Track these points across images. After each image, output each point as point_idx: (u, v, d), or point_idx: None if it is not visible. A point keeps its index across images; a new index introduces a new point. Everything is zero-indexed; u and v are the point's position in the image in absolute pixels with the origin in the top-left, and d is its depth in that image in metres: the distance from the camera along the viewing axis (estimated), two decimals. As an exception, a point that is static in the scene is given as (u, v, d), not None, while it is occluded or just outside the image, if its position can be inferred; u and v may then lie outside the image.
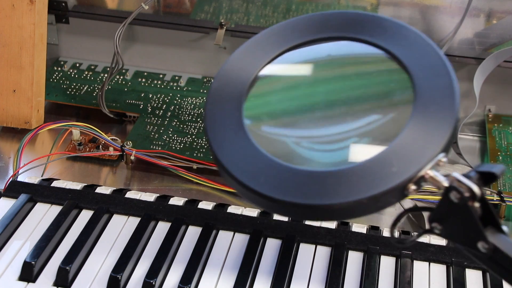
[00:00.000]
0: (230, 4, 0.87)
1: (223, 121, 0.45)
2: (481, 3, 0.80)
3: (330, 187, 0.40)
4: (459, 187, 0.38)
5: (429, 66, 0.44)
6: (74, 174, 0.75)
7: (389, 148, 0.41)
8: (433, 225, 0.41)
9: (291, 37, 0.49)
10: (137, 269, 0.60)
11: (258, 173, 0.42)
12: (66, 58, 0.93)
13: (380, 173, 0.39)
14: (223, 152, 0.44)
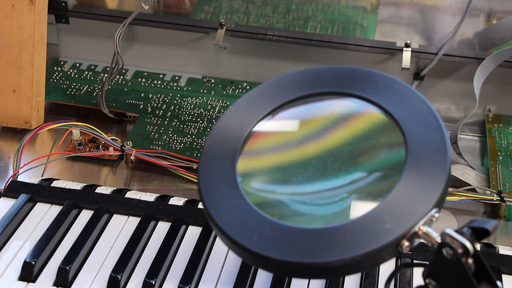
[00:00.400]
0: (230, 4, 0.87)
1: (217, 178, 0.46)
2: (481, 3, 0.80)
3: (324, 244, 0.40)
4: (452, 243, 0.38)
5: (421, 121, 0.44)
6: (74, 174, 0.75)
7: (381, 205, 0.41)
8: (428, 281, 0.41)
9: (283, 93, 0.50)
10: (137, 269, 0.60)
11: (251, 232, 0.42)
12: (66, 58, 0.93)
13: (373, 230, 0.39)
14: (216, 210, 0.44)
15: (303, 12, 0.86)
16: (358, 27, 0.85)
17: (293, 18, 0.86)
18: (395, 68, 0.85)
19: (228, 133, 0.49)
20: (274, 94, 0.50)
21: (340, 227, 0.40)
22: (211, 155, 0.47)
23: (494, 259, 0.61)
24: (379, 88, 0.47)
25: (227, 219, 0.44)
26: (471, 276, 0.38)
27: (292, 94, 0.50)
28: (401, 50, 0.83)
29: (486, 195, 0.69)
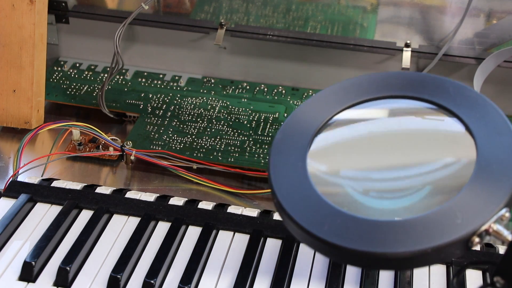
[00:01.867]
0: (230, 4, 0.87)
1: (288, 171, 0.48)
2: (481, 3, 0.80)
3: (395, 236, 0.41)
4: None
5: (491, 124, 0.47)
6: (74, 174, 0.75)
7: (453, 201, 0.42)
8: (496, 279, 0.41)
9: (356, 93, 0.52)
10: (137, 269, 0.60)
11: (322, 221, 0.44)
12: (66, 58, 0.93)
13: (444, 225, 0.40)
14: (288, 201, 0.46)
15: (303, 12, 0.86)
16: (358, 27, 0.85)
17: (293, 18, 0.86)
18: (395, 68, 0.85)
19: (299, 128, 0.50)
20: (345, 95, 0.52)
21: (412, 220, 0.41)
22: (282, 148, 0.49)
23: (494, 259, 0.61)
24: (449, 94, 0.49)
25: (298, 209, 0.45)
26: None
27: (363, 95, 0.52)
28: (401, 50, 0.83)
29: None
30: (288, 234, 0.63)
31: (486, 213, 0.41)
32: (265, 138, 0.78)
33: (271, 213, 0.66)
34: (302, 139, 0.49)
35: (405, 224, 0.41)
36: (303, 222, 0.44)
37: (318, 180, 0.47)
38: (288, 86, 0.88)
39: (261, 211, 0.67)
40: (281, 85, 0.88)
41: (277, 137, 0.50)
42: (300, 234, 0.45)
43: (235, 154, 0.75)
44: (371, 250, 0.41)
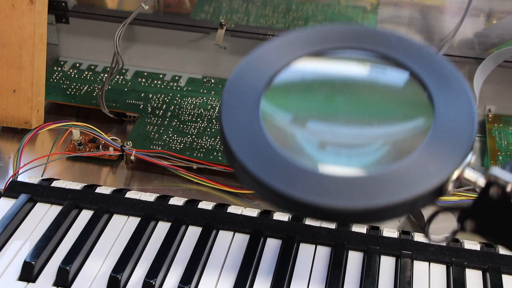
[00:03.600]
0: (230, 4, 0.87)
1: (240, 115, 0.44)
2: (481, 3, 0.80)
3: (373, 189, 0.40)
4: (499, 182, 0.40)
5: (440, 73, 0.46)
6: (74, 174, 0.75)
7: (421, 150, 0.41)
8: (466, 223, 0.42)
9: (319, 41, 0.49)
10: (137, 269, 0.60)
11: (293, 180, 0.41)
12: (66, 58, 0.93)
13: (418, 175, 0.40)
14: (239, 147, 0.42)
15: (303, 12, 0.86)
16: (358, 27, 0.85)
17: (293, 18, 0.86)
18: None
19: (255, 70, 0.47)
20: (309, 41, 0.49)
21: (387, 172, 0.41)
22: (236, 89, 0.45)
23: (494, 259, 0.61)
24: (409, 52, 0.48)
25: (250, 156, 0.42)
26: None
27: (327, 43, 0.49)
28: (401, 50, 0.83)
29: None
30: (288, 234, 0.63)
31: (456, 159, 0.41)
32: (265, 138, 0.78)
33: (271, 213, 0.66)
34: (257, 82, 0.46)
35: (380, 178, 0.40)
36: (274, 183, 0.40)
37: (271, 127, 0.44)
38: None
39: (261, 211, 0.67)
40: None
41: (231, 78, 0.46)
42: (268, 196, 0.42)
43: (235, 154, 0.75)
44: (343, 205, 0.39)
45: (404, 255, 0.61)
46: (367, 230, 0.64)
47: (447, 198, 0.68)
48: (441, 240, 0.45)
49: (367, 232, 0.64)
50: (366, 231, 0.64)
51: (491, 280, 0.59)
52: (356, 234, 0.63)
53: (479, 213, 0.41)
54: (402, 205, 0.39)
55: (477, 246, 0.62)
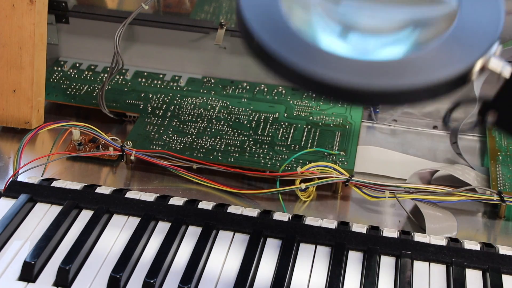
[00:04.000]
0: (230, 4, 0.87)
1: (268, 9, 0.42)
2: (481, 3, 0.80)
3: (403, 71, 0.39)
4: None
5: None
6: (74, 174, 0.75)
7: (449, 34, 0.41)
8: (488, 114, 0.41)
9: None
10: (137, 269, 0.60)
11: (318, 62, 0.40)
12: (66, 58, 0.93)
13: (446, 58, 0.40)
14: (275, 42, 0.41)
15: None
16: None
17: (293, 18, 0.86)
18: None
19: None
20: None
21: (414, 56, 0.40)
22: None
23: (494, 259, 0.61)
24: None
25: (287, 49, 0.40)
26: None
27: None
28: (401, 50, 0.83)
29: (486, 195, 0.69)
30: (288, 234, 0.63)
31: (482, 46, 0.40)
32: (265, 138, 0.78)
33: (271, 213, 0.66)
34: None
35: (407, 61, 0.40)
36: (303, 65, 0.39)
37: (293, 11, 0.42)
38: (288, 86, 0.88)
39: (261, 211, 0.67)
40: (281, 85, 0.88)
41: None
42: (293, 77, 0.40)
43: (235, 154, 0.75)
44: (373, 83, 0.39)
45: (404, 255, 0.61)
46: (367, 230, 0.64)
47: (447, 198, 0.68)
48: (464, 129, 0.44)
49: (367, 232, 0.64)
50: (366, 231, 0.64)
51: (491, 280, 0.59)
52: (356, 234, 0.63)
53: (502, 105, 0.41)
54: (427, 88, 0.39)
55: (477, 246, 0.62)
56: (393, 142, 0.83)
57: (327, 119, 0.82)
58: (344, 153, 0.76)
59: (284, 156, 0.75)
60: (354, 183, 0.70)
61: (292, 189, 0.71)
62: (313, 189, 0.72)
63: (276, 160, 0.74)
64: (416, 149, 0.82)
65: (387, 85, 0.39)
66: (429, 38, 0.41)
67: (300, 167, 0.70)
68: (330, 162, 0.73)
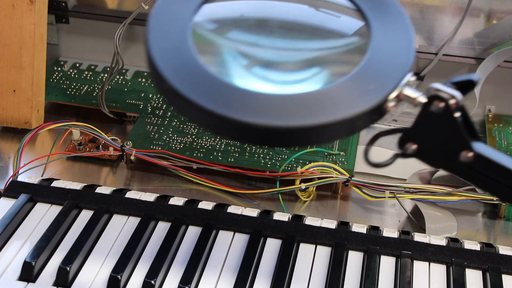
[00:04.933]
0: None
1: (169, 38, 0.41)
2: (481, 3, 0.80)
3: (313, 107, 0.38)
4: (441, 95, 0.38)
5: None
6: (74, 174, 0.75)
7: (361, 69, 0.40)
8: (407, 146, 0.41)
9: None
10: (137, 269, 0.60)
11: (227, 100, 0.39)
12: (66, 58, 0.93)
13: (359, 92, 0.39)
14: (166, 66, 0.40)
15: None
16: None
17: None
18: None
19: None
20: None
21: (327, 89, 0.39)
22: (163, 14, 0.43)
23: (494, 259, 0.61)
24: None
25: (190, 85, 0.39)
26: (463, 127, 0.38)
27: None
28: (401, 50, 0.83)
29: (486, 195, 0.69)
30: (288, 234, 0.63)
31: (397, 75, 0.39)
32: (265, 138, 0.78)
33: (271, 213, 0.66)
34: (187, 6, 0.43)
35: (320, 95, 0.39)
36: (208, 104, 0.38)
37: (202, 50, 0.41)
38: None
39: (261, 211, 0.67)
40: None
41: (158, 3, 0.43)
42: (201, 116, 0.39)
43: (235, 154, 0.75)
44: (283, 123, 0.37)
45: (404, 255, 0.61)
46: (367, 230, 0.64)
47: (447, 198, 0.68)
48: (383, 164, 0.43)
49: (367, 232, 0.64)
50: (366, 231, 0.64)
51: (491, 280, 0.59)
52: (356, 234, 0.63)
53: (420, 134, 0.40)
54: (343, 122, 0.38)
55: (477, 246, 0.62)
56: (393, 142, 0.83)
57: (327, 119, 0.82)
58: (344, 153, 0.76)
59: (284, 156, 0.75)
60: (354, 183, 0.70)
61: (292, 189, 0.71)
62: (313, 189, 0.72)
63: (276, 160, 0.74)
64: (416, 149, 0.81)
65: (305, 122, 0.38)
66: (341, 72, 0.41)
67: (300, 167, 0.70)
68: (330, 162, 0.73)
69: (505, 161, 0.38)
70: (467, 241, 0.63)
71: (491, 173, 0.38)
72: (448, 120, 0.38)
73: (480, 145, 0.39)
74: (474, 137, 0.39)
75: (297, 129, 0.38)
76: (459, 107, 0.38)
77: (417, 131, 0.40)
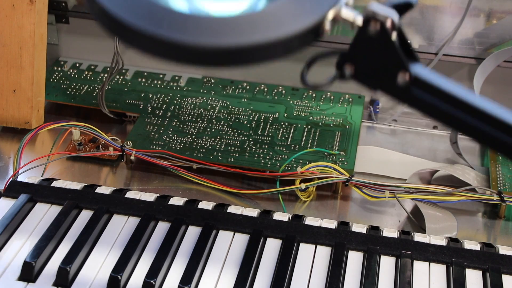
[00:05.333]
0: (230, 4, 0.87)
1: None
2: (481, 3, 0.80)
3: (247, 27, 0.37)
4: (377, 16, 0.38)
5: None
6: (74, 174, 0.75)
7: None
8: (345, 67, 0.40)
9: None
10: (137, 269, 0.60)
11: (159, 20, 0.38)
12: (66, 58, 0.93)
13: (296, 11, 0.38)
14: None
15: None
16: (358, 27, 0.85)
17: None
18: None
19: None
20: None
21: (262, 11, 0.38)
22: None
23: (494, 259, 0.61)
24: None
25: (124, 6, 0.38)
26: (398, 48, 0.38)
27: None
28: (401, 50, 0.83)
29: (486, 195, 0.69)
30: (288, 234, 0.63)
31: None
32: (265, 138, 0.78)
33: (271, 213, 0.66)
34: None
35: (254, 16, 0.38)
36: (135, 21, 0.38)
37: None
38: (288, 86, 0.88)
39: (261, 211, 0.67)
40: (281, 85, 0.88)
41: None
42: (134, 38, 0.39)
43: (235, 154, 0.75)
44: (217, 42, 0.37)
45: (404, 255, 0.61)
46: (367, 230, 0.64)
47: (447, 198, 0.68)
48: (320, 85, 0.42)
49: (367, 232, 0.64)
50: (366, 231, 0.64)
51: (491, 280, 0.59)
52: (356, 234, 0.63)
53: (358, 56, 0.39)
54: (280, 43, 0.37)
55: (477, 246, 0.62)
56: (393, 142, 0.83)
57: (327, 119, 0.82)
58: (344, 153, 0.76)
59: (284, 156, 0.75)
60: (354, 183, 0.70)
61: (292, 189, 0.71)
62: (313, 189, 0.72)
63: (276, 160, 0.74)
64: (416, 149, 0.82)
65: (238, 42, 0.37)
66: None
67: (300, 167, 0.70)
68: (330, 162, 0.73)
69: (442, 83, 0.37)
70: (467, 241, 0.63)
71: (429, 96, 0.38)
72: (385, 41, 0.38)
73: (418, 67, 0.38)
74: (412, 58, 0.38)
75: (231, 49, 0.37)
76: (396, 28, 0.37)
77: (354, 53, 0.40)
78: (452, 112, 0.37)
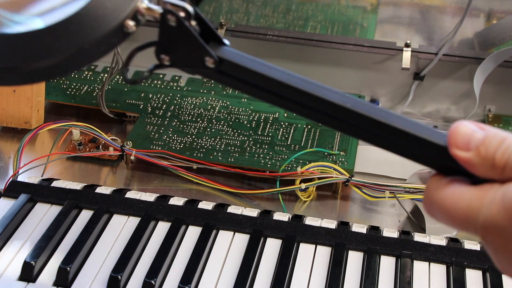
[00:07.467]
0: (230, 4, 0.87)
1: None
2: (481, 3, 0.80)
3: (49, 43, 0.38)
4: (173, 9, 0.40)
5: None
6: (74, 174, 0.75)
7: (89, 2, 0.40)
8: (162, 58, 0.42)
9: None
10: (137, 269, 0.60)
11: None
12: (66, 58, 0.93)
13: (97, 17, 0.40)
14: None
15: (303, 12, 0.86)
16: (358, 27, 0.85)
17: (293, 18, 0.86)
18: (395, 68, 0.85)
19: None
20: None
21: (61, 22, 0.39)
22: None
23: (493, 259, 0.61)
24: None
25: None
26: (197, 36, 0.40)
27: None
28: (401, 50, 0.83)
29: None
30: (288, 234, 0.63)
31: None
32: (265, 138, 0.78)
33: (271, 213, 0.66)
34: None
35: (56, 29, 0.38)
36: None
37: None
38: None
39: (261, 211, 0.67)
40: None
41: None
42: None
43: (235, 154, 0.75)
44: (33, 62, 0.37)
45: (404, 255, 0.61)
46: (367, 230, 0.64)
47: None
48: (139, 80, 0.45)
49: (367, 232, 0.64)
50: (366, 231, 0.64)
51: (491, 280, 0.59)
52: (356, 234, 0.63)
53: (168, 46, 0.42)
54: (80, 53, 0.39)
55: (477, 246, 0.62)
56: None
57: (327, 119, 0.82)
58: (344, 153, 0.76)
59: (284, 156, 0.75)
60: (354, 183, 0.70)
61: (292, 189, 0.71)
62: (313, 189, 0.72)
63: (276, 160, 0.74)
64: (416, 149, 0.81)
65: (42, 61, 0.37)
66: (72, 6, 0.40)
67: (300, 167, 0.70)
68: (330, 162, 0.73)
69: (247, 62, 0.39)
70: (467, 241, 0.63)
71: (238, 75, 0.39)
72: (184, 30, 0.40)
73: (224, 50, 0.40)
74: (219, 42, 0.40)
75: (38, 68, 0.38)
76: (192, 16, 0.39)
77: (164, 43, 0.42)
78: (262, 88, 0.39)
